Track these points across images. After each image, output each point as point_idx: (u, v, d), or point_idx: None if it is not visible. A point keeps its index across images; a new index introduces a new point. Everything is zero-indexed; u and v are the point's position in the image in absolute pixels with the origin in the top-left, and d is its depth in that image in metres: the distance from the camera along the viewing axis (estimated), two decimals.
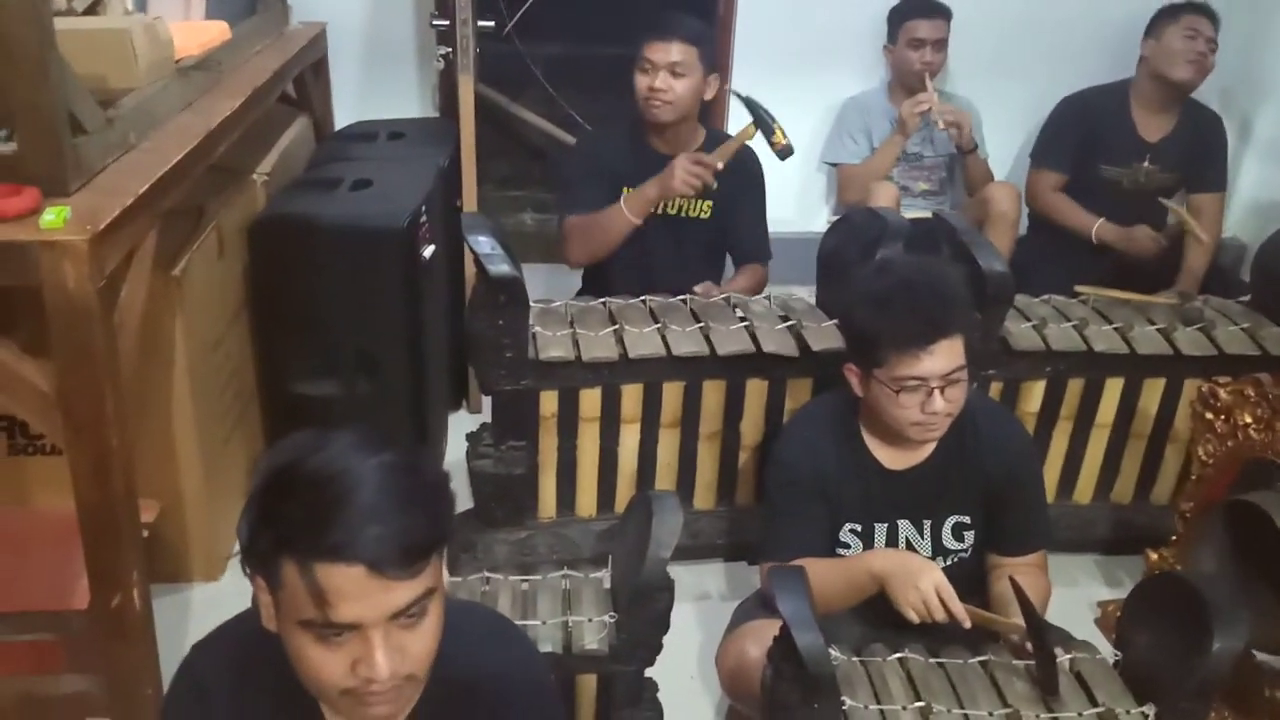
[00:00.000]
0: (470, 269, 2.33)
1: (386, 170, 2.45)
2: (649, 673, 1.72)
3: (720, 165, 2.32)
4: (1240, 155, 3.40)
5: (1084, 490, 2.37)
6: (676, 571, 2.29)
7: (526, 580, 1.63)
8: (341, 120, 2.94)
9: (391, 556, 0.92)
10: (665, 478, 2.28)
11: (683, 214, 2.49)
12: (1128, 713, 1.43)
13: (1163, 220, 2.98)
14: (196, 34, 2.20)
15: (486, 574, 1.64)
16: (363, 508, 0.92)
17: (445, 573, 1.07)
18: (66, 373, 1.46)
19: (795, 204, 3.42)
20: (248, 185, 2.33)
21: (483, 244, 1.98)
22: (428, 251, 2.31)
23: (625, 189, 2.43)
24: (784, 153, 2.34)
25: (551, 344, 2.06)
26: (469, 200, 2.54)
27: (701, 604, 2.23)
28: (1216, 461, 1.92)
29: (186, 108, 1.98)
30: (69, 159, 1.49)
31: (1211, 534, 1.88)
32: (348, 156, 2.59)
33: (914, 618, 1.54)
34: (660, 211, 2.44)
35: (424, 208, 2.28)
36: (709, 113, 2.92)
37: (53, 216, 1.41)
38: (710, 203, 2.46)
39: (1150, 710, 1.43)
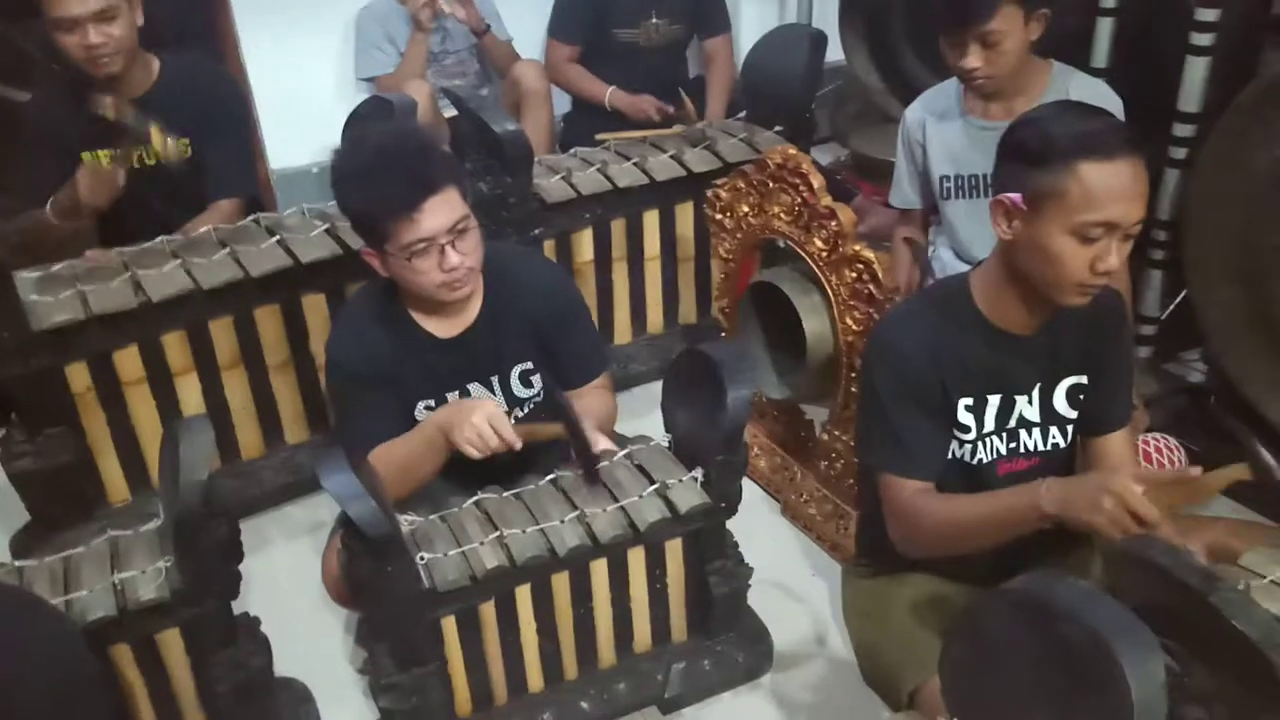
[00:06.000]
0: None
1: None
2: (255, 610, 1.63)
3: None
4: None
5: (654, 321, 2.53)
6: (288, 509, 2.22)
7: (64, 556, 1.46)
8: None
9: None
10: (246, 423, 2.16)
11: (160, 162, 2.18)
12: (680, 481, 1.55)
13: (684, 76, 3.19)
14: None
15: (16, 564, 1.45)
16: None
17: None
18: None
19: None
20: None
21: None
22: None
23: (86, 154, 2.16)
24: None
25: (54, 309, 1.84)
26: None
27: (317, 534, 2.14)
28: (734, 255, 2.10)
29: None
30: None
31: (745, 320, 2.06)
32: None
33: (474, 453, 1.56)
34: (137, 165, 2.19)
35: None
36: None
37: None
38: (186, 140, 2.20)
39: (699, 472, 1.56)
